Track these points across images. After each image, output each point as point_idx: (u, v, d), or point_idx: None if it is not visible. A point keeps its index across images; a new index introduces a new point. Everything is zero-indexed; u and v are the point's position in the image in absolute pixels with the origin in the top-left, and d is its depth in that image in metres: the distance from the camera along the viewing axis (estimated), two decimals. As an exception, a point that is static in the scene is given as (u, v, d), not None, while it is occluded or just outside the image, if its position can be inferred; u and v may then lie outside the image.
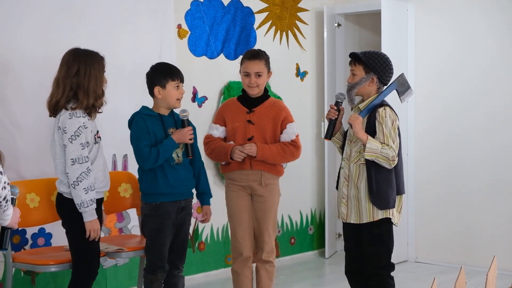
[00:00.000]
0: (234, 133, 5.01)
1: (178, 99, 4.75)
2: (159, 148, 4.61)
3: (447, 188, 7.02)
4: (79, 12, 5.52)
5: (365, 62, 4.61)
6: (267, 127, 5.01)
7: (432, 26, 7.08)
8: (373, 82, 4.63)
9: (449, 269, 6.69)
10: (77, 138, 4.27)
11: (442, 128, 7.04)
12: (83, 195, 4.28)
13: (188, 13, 6.31)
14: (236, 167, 5.00)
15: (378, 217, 4.58)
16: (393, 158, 4.51)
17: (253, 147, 4.91)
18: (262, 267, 5.10)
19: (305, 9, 7.32)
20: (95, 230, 4.35)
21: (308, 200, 7.50)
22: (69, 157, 4.27)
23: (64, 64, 4.38)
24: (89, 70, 4.33)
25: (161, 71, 4.75)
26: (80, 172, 4.27)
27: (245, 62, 5.02)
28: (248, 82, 4.99)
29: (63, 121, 4.29)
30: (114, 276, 5.81)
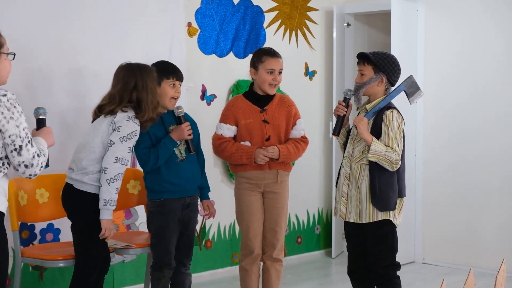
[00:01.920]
0: (250, 132, 4.99)
1: (173, 97, 4.69)
2: (158, 149, 4.61)
3: (455, 188, 7.01)
4: (90, 10, 5.53)
5: (375, 62, 4.61)
6: (281, 125, 5.04)
7: (441, 27, 7.08)
8: (382, 82, 4.64)
9: (456, 271, 6.68)
10: (128, 141, 4.35)
11: (451, 128, 7.04)
12: (113, 194, 4.32)
13: (198, 11, 6.32)
14: (253, 168, 4.99)
15: (378, 218, 4.59)
16: (396, 161, 4.52)
17: (276, 151, 4.92)
18: (272, 265, 5.11)
19: (314, 9, 7.32)
20: (110, 229, 4.37)
21: (315, 199, 7.50)
22: (115, 154, 4.32)
23: (120, 80, 4.45)
24: (145, 83, 4.42)
25: (157, 69, 4.70)
26: (118, 172, 4.33)
27: (269, 59, 4.99)
28: (271, 79, 4.98)
29: (120, 120, 4.35)
30: (121, 273, 5.82)
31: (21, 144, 3.29)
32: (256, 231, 5.04)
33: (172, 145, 4.64)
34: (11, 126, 3.27)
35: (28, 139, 3.33)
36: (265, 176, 5.02)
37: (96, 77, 5.48)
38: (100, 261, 4.47)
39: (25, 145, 3.31)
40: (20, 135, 3.29)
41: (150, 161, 4.62)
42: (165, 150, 4.63)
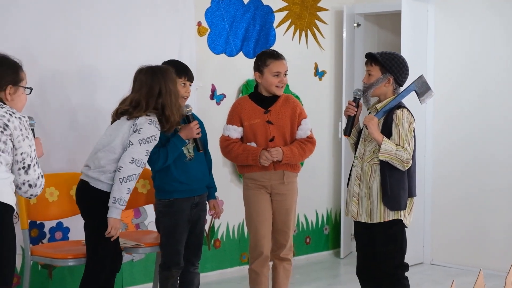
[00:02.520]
0: (254, 133, 5.00)
1: (184, 97, 4.74)
2: (168, 148, 4.63)
3: (464, 189, 6.99)
4: (99, 9, 5.54)
5: (382, 62, 4.61)
6: (286, 126, 5.02)
7: (452, 27, 7.06)
8: (389, 82, 4.64)
9: (465, 272, 6.66)
10: (146, 144, 4.38)
11: (460, 129, 7.02)
12: (124, 193, 4.34)
13: (208, 11, 6.33)
14: (259, 169, 4.99)
15: (389, 218, 4.58)
16: (407, 160, 4.51)
17: (280, 153, 4.91)
18: (280, 265, 5.11)
19: (324, 9, 7.31)
20: (116, 229, 4.38)
21: (324, 199, 7.49)
22: (131, 155, 4.35)
23: (144, 85, 4.47)
24: (169, 88, 4.46)
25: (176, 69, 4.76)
26: (133, 173, 4.35)
27: (274, 62, 4.98)
28: (278, 81, 4.98)
29: (142, 123, 4.38)
30: (130, 272, 5.83)
31: (30, 163, 3.50)
32: (264, 232, 5.04)
33: (181, 144, 4.65)
34: (25, 144, 3.48)
35: (36, 160, 3.54)
36: (271, 177, 5.01)
37: (106, 77, 5.49)
38: (109, 260, 4.48)
39: (33, 165, 3.52)
40: (30, 155, 3.51)
41: (160, 160, 4.64)
42: (174, 149, 4.64)
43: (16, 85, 3.61)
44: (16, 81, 3.61)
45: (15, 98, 3.61)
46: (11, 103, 3.59)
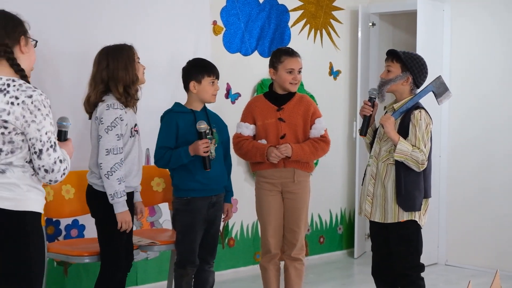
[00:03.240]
0: (266, 131, 5.00)
1: (213, 94, 4.77)
2: (172, 154, 4.65)
3: (479, 189, 6.97)
4: (116, 8, 5.57)
5: (404, 60, 4.60)
6: (298, 124, 5.01)
7: (467, 27, 7.05)
8: (407, 82, 4.62)
9: (480, 273, 6.65)
10: (113, 129, 4.31)
11: (476, 128, 7.00)
12: (116, 185, 4.30)
13: (224, 10, 6.34)
14: (269, 166, 4.99)
15: (403, 218, 4.57)
16: (423, 162, 4.50)
17: (288, 149, 4.89)
18: (291, 264, 5.10)
19: (340, 8, 7.31)
20: (126, 222, 4.37)
21: (338, 199, 7.49)
22: (104, 147, 4.30)
23: (95, 64, 4.46)
24: (116, 61, 4.38)
25: (197, 66, 4.79)
26: (114, 163, 4.30)
27: (288, 59, 4.99)
28: (291, 78, 4.98)
29: (101, 112, 4.33)
30: (144, 270, 5.85)
31: (41, 148, 3.19)
32: (273, 231, 5.04)
33: (186, 157, 4.64)
34: (31, 129, 3.18)
35: (51, 144, 3.22)
36: (281, 175, 5.01)
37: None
38: (123, 259, 4.49)
39: (45, 149, 3.20)
40: (40, 139, 3.19)
41: (161, 162, 4.71)
42: (178, 160, 4.67)
43: (26, 36, 3.33)
44: (25, 32, 3.33)
45: (29, 50, 3.33)
46: (26, 57, 3.31)
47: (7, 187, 3.20)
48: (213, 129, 4.78)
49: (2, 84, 3.20)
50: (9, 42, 3.25)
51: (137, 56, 4.48)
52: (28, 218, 3.23)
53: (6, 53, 3.24)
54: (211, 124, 4.79)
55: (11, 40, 3.26)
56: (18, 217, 3.21)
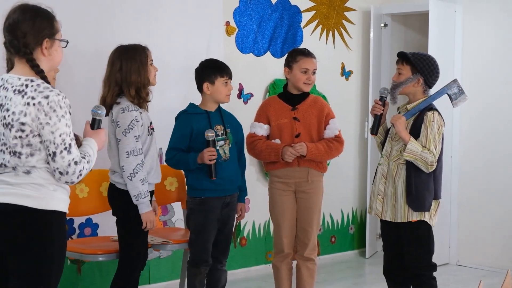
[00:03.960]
0: (280, 130, 5.03)
1: (227, 95, 4.81)
2: (181, 159, 4.71)
3: (490, 190, 6.97)
4: (129, 8, 5.61)
5: (413, 62, 4.62)
6: (312, 124, 5.04)
7: (479, 28, 7.05)
8: (419, 83, 4.64)
9: (492, 273, 6.65)
10: (130, 131, 4.34)
11: (488, 129, 7.01)
12: (140, 186, 4.34)
13: (237, 11, 6.38)
14: (283, 165, 5.01)
15: (413, 218, 4.59)
16: (432, 163, 4.52)
17: (303, 147, 4.92)
18: (303, 264, 5.13)
19: (352, 9, 7.33)
20: (151, 221, 4.41)
21: (350, 199, 7.51)
22: (124, 150, 4.34)
23: (109, 64, 4.49)
24: (129, 64, 4.41)
25: (210, 67, 4.82)
26: (136, 164, 4.33)
27: (303, 59, 5.03)
28: (305, 78, 5.02)
29: (116, 115, 4.37)
30: (157, 268, 5.89)
31: (54, 151, 3.14)
32: (286, 231, 5.07)
33: (193, 164, 4.69)
34: (45, 132, 3.14)
35: (65, 146, 3.15)
36: (295, 175, 5.04)
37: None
38: (142, 259, 4.53)
39: (59, 152, 3.14)
40: (54, 142, 3.14)
41: (171, 162, 4.79)
42: (185, 165, 4.75)
43: (52, 38, 3.26)
44: (52, 33, 3.27)
45: (52, 53, 3.27)
46: (48, 59, 3.26)
47: (33, 186, 3.19)
48: (227, 130, 4.81)
49: (21, 85, 3.18)
50: (31, 43, 3.21)
51: (151, 58, 4.51)
52: (53, 217, 3.22)
53: (26, 54, 3.21)
54: (225, 124, 4.82)
55: (34, 42, 3.22)
56: (43, 216, 3.20)
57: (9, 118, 3.15)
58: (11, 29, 3.22)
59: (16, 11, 3.23)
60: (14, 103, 3.15)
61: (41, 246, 3.21)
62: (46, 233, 3.21)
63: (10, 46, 3.24)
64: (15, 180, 3.19)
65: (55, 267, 3.27)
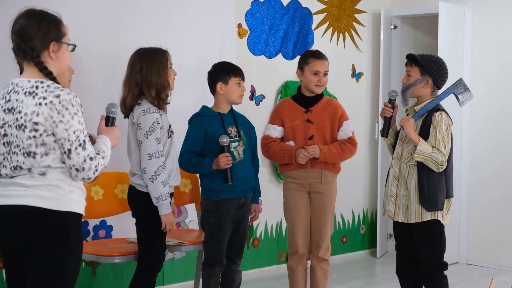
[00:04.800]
0: (294, 132, 5.08)
1: (240, 95, 4.86)
2: (196, 163, 4.76)
3: (500, 190, 7.02)
4: (143, 10, 5.65)
5: (422, 64, 4.68)
6: (326, 126, 5.08)
7: (488, 30, 7.08)
8: (428, 84, 4.70)
9: (501, 272, 6.70)
10: (152, 134, 4.37)
11: (497, 131, 7.05)
12: (161, 188, 4.38)
13: (249, 13, 6.43)
14: (297, 167, 5.06)
15: (426, 218, 4.65)
16: (442, 163, 4.57)
17: (316, 150, 4.97)
18: (317, 265, 5.17)
19: (362, 11, 7.38)
20: (170, 223, 4.46)
21: (361, 199, 7.56)
22: (146, 152, 4.37)
23: (129, 65, 4.53)
24: (150, 65, 4.44)
25: (223, 68, 4.88)
26: (158, 166, 4.37)
27: (314, 61, 5.08)
28: (317, 80, 5.06)
29: (137, 117, 4.40)
30: (171, 270, 5.93)
31: (69, 148, 3.18)
32: (300, 231, 5.12)
33: (207, 169, 4.73)
34: (59, 130, 3.17)
35: (79, 142, 3.19)
36: (309, 176, 5.08)
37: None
38: (163, 259, 4.58)
39: (74, 148, 3.18)
40: (69, 139, 3.18)
41: (185, 166, 4.81)
42: (199, 170, 4.82)
43: (59, 42, 3.30)
44: (59, 37, 3.30)
45: (59, 56, 3.30)
46: (56, 62, 3.30)
47: (49, 187, 3.22)
48: (240, 131, 4.87)
49: (31, 86, 3.22)
50: (37, 47, 3.25)
51: (170, 61, 4.55)
52: (69, 218, 3.25)
53: (33, 58, 3.25)
54: (238, 126, 4.87)
55: (40, 45, 3.26)
56: (60, 217, 3.23)
57: (22, 120, 3.19)
58: (18, 34, 3.27)
59: (23, 16, 3.29)
60: (26, 105, 3.19)
61: (57, 247, 3.24)
62: (63, 234, 3.25)
63: (18, 50, 3.29)
64: (30, 182, 3.22)
65: (71, 268, 3.30)
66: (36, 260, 3.24)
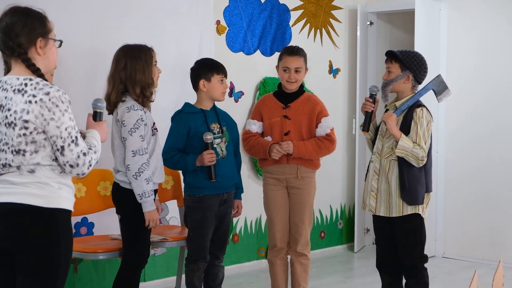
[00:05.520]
0: (271, 128, 5.12)
1: (223, 92, 4.89)
2: (180, 160, 4.79)
3: (476, 185, 7.12)
4: (124, 8, 5.65)
5: (402, 60, 4.74)
6: (303, 122, 5.11)
7: (464, 26, 7.17)
8: (409, 80, 4.76)
9: (477, 265, 6.77)
10: (136, 131, 4.38)
11: (473, 126, 7.13)
12: (144, 185, 4.38)
13: (227, 10, 6.45)
14: (273, 162, 5.10)
15: (408, 212, 4.72)
16: (423, 158, 4.65)
17: (290, 146, 5.00)
18: (296, 260, 5.21)
19: (339, 7, 7.43)
20: (154, 220, 4.46)
21: (338, 195, 7.62)
22: (130, 149, 4.37)
23: (114, 62, 4.52)
24: (135, 62, 4.44)
25: (206, 65, 4.91)
26: (141, 163, 4.37)
27: (285, 58, 5.11)
28: (287, 77, 5.09)
29: (122, 114, 4.40)
30: (152, 266, 5.93)
31: (62, 145, 3.19)
32: (278, 226, 5.16)
33: (191, 166, 4.77)
34: (51, 127, 3.18)
35: (72, 139, 3.21)
36: (285, 171, 5.12)
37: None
38: (147, 255, 4.60)
39: (67, 145, 3.20)
40: (61, 136, 3.19)
41: (168, 163, 4.82)
42: (183, 166, 4.84)
43: (45, 37, 3.30)
44: (45, 33, 3.30)
45: (46, 52, 3.32)
46: (43, 58, 3.31)
47: (38, 185, 3.22)
48: (223, 128, 4.89)
49: (20, 84, 3.22)
50: (24, 43, 3.25)
51: (155, 59, 4.56)
52: (59, 215, 3.26)
53: (20, 54, 3.25)
54: (221, 122, 4.90)
55: (27, 41, 3.26)
56: (49, 214, 3.24)
57: (12, 117, 3.19)
58: (4, 31, 3.27)
59: (8, 13, 3.29)
60: (15, 102, 3.19)
61: (48, 244, 3.25)
62: (53, 231, 3.25)
63: (4, 48, 3.29)
64: (19, 179, 3.22)
65: (63, 264, 3.31)
66: (28, 257, 3.25)
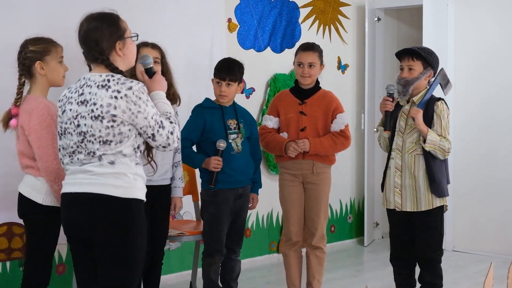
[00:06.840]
0: (287, 124, 5.19)
1: (219, 95, 4.95)
2: (188, 155, 4.90)
3: (484, 178, 7.17)
4: (133, 5, 5.67)
5: (425, 57, 4.78)
6: (319, 118, 5.17)
7: (471, 21, 7.21)
8: (430, 76, 4.82)
9: (487, 258, 6.83)
10: None
11: (480, 120, 7.19)
12: None
13: (238, 8, 6.53)
14: (289, 158, 5.16)
15: (436, 204, 4.78)
16: (449, 150, 4.72)
17: (306, 144, 5.07)
18: (312, 252, 5.28)
19: (347, 4, 7.50)
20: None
21: (348, 189, 7.70)
22: None
23: None
24: None
25: (216, 67, 5.04)
26: None
27: (299, 53, 5.20)
28: (301, 72, 5.17)
29: None
30: (167, 260, 5.97)
31: (152, 132, 3.41)
32: (293, 220, 5.23)
33: (197, 166, 4.97)
34: (140, 119, 3.38)
35: (159, 124, 3.42)
36: (302, 167, 5.19)
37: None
38: None
39: (156, 131, 3.41)
40: (149, 125, 3.40)
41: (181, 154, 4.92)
42: (191, 163, 5.00)
43: (122, 39, 3.48)
44: (121, 35, 3.48)
45: (125, 52, 3.50)
46: (123, 58, 3.50)
47: (116, 175, 3.40)
48: (240, 124, 4.97)
49: (103, 80, 3.40)
50: (106, 49, 3.44)
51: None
52: (133, 204, 3.44)
53: (104, 61, 3.44)
54: (238, 118, 4.98)
55: (107, 47, 3.45)
56: (127, 203, 3.41)
57: (98, 111, 3.36)
58: (84, 41, 3.47)
59: (84, 23, 3.49)
60: (100, 97, 3.36)
61: (126, 232, 3.42)
62: (130, 220, 3.43)
63: (87, 55, 3.49)
64: (99, 169, 3.40)
65: (139, 253, 3.47)
66: (106, 245, 3.41)
